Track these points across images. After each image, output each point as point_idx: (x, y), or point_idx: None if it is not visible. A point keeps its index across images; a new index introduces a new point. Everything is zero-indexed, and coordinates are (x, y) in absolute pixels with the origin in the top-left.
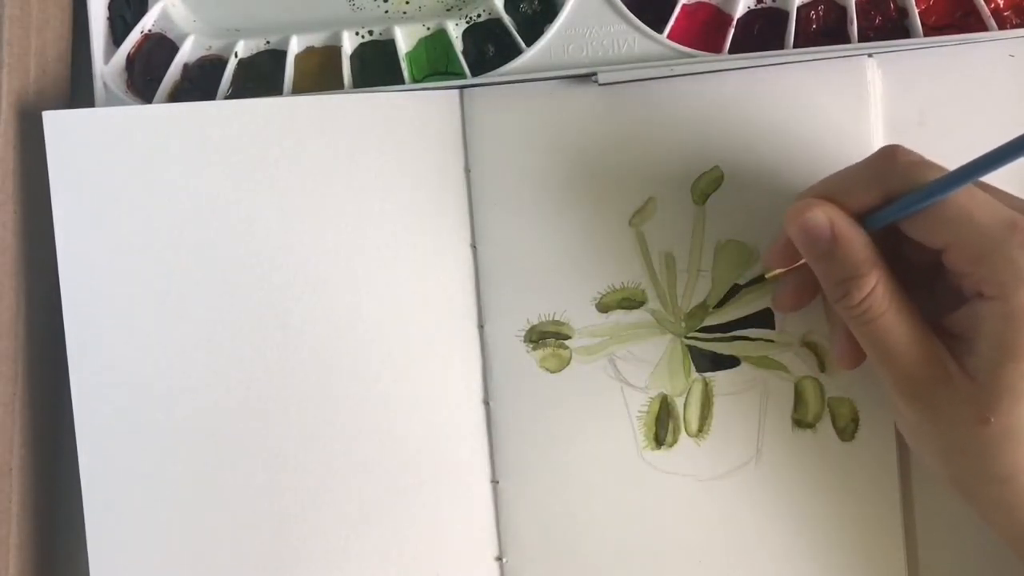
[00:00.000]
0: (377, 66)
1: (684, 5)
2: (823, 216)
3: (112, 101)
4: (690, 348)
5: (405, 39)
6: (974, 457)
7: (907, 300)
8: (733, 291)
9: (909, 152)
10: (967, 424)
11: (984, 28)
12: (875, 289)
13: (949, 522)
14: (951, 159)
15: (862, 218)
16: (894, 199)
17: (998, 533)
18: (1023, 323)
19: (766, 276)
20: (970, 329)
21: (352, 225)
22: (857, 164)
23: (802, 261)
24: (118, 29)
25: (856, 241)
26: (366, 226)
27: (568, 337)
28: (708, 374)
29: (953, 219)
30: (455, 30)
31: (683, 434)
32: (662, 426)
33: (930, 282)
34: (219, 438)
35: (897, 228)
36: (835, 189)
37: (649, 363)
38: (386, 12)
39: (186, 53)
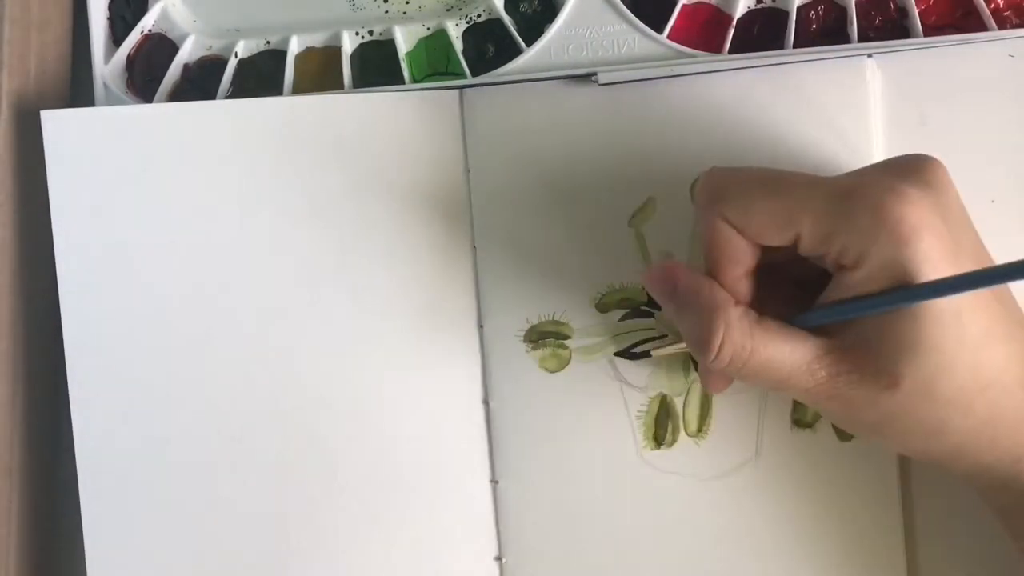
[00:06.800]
0: (377, 66)
1: (684, 5)
2: (664, 267)
3: (112, 101)
4: None
5: (405, 39)
6: (902, 421)
7: (769, 321)
8: None
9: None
10: (882, 394)
11: (984, 28)
12: (730, 331)
13: (949, 522)
14: (950, 159)
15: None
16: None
17: (960, 479)
18: (889, 279)
19: (652, 353)
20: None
21: (351, 225)
22: (829, 182)
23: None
24: (118, 29)
25: (701, 284)
26: (365, 226)
27: (568, 337)
28: None
29: (795, 219)
30: (455, 30)
31: (682, 434)
32: (661, 426)
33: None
34: (217, 438)
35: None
36: (785, 188)
37: (648, 363)
38: (386, 12)
39: (186, 53)
